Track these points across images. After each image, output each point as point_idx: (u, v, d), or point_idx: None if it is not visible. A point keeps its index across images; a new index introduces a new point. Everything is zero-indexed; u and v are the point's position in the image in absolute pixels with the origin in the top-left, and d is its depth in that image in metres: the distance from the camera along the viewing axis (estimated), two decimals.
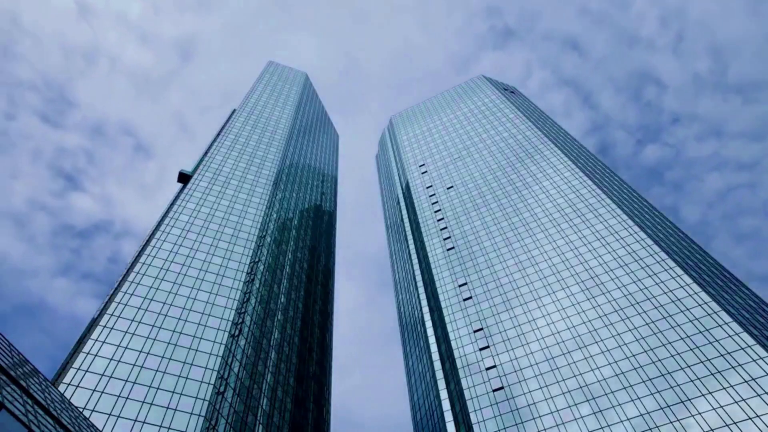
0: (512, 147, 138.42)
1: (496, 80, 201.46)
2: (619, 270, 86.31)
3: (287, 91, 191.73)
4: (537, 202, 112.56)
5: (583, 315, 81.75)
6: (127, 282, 76.63)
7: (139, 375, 63.26)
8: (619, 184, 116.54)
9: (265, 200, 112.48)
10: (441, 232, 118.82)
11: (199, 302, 78.03)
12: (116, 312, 70.73)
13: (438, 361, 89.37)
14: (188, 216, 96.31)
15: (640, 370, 69.86)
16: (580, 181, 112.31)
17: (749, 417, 58.77)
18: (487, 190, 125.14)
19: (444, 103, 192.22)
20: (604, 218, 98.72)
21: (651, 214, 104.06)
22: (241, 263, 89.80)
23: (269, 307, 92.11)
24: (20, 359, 33.70)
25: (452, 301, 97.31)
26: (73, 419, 34.50)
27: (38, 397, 29.71)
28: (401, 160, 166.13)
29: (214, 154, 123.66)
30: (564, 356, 76.96)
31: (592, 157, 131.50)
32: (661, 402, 64.80)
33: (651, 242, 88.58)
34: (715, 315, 71.70)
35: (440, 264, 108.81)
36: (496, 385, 77.36)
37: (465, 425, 74.51)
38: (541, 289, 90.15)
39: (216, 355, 70.23)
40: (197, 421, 60.31)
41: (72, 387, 58.39)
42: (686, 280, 78.75)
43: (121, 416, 57.61)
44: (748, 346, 65.80)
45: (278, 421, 77.80)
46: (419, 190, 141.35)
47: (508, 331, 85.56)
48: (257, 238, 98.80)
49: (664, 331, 73.13)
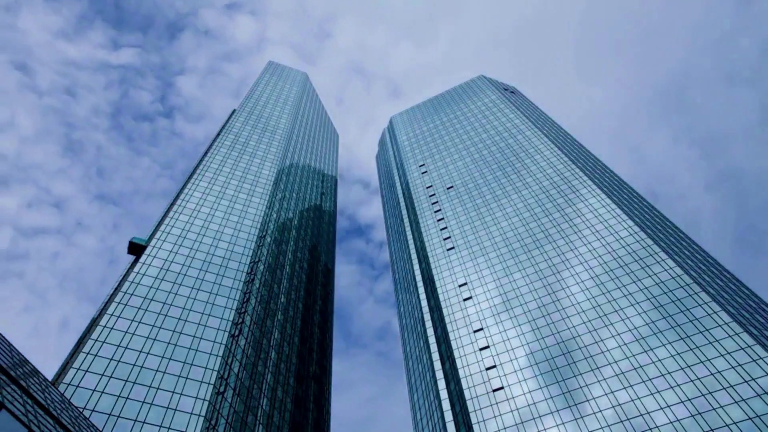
0: (512, 147, 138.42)
1: (495, 80, 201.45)
2: (619, 270, 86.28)
3: (287, 91, 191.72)
4: (537, 201, 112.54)
5: (583, 315, 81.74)
6: (127, 282, 76.62)
7: (139, 375, 63.27)
8: (620, 183, 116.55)
9: (265, 200, 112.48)
10: (441, 232, 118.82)
11: (199, 302, 78.02)
12: (116, 312, 70.73)
13: (438, 361, 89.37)
14: (188, 216, 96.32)
15: (640, 370, 69.85)
16: (580, 181, 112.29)
17: (749, 417, 58.79)
18: (487, 191, 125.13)
19: (444, 103, 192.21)
20: (603, 218, 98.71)
21: (650, 212, 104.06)
22: (241, 263, 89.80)
23: (269, 307, 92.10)
24: (20, 359, 33.70)
25: (452, 301, 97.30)
26: (73, 419, 34.50)
27: (38, 397, 29.71)
28: (401, 160, 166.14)
29: (214, 153, 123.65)
30: (564, 356, 76.96)
31: (593, 158, 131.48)
32: (661, 402, 64.82)
33: (651, 242, 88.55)
34: (715, 315, 71.70)
35: (440, 264, 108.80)
36: (496, 385, 77.35)
37: (465, 425, 74.51)
38: (541, 290, 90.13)
39: (216, 355, 70.23)
40: (197, 421, 60.33)
41: (72, 387, 58.40)
42: (686, 280, 78.73)
43: (121, 416, 57.62)
44: (748, 346, 65.82)
45: (278, 421, 77.81)
46: (419, 190, 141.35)
47: (508, 331, 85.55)
48: (257, 238, 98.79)
49: (664, 331, 73.12)
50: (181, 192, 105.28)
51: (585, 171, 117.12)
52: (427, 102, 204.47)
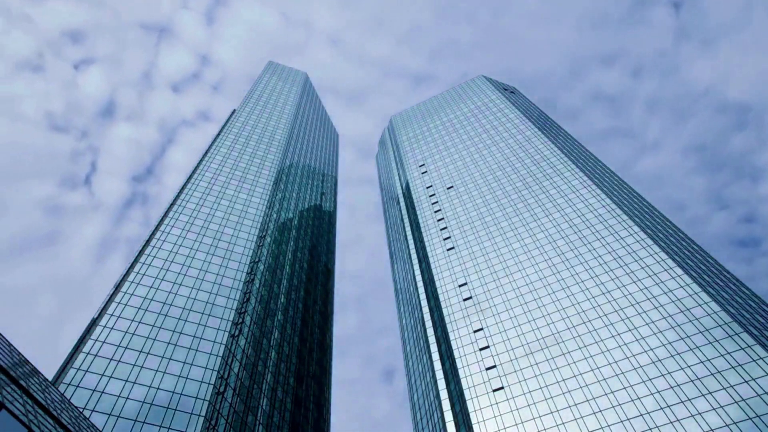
0: (512, 147, 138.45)
1: (495, 80, 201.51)
2: (618, 270, 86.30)
3: (287, 91, 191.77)
4: (537, 201, 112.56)
5: (584, 315, 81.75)
6: (127, 282, 76.64)
7: (139, 375, 63.29)
8: (619, 183, 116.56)
9: (265, 200, 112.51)
10: (441, 232, 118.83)
11: (199, 302, 78.04)
12: (116, 312, 70.75)
13: (438, 361, 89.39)
14: (188, 216, 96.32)
15: (640, 370, 69.86)
16: (580, 181, 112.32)
17: (749, 417, 58.79)
18: (487, 190, 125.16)
19: (444, 103, 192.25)
20: (603, 218, 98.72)
21: (650, 213, 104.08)
22: (241, 263, 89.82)
23: (269, 307, 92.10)
24: (20, 359, 33.70)
25: (452, 301, 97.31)
26: (73, 419, 34.50)
27: (38, 397, 29.72)
28: (401, 160, 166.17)
29: (214, 154, 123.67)
30: (564, 356, 76.96)
31: (593, 158, 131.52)
32: (661, 402, 64.81)
33: (651, 242, 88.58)
34: (715, 315, 71.70)
35: (440, 264, 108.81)
36: (496, 385, 77.36)
37: (465, 425, 74.52)
38: (541, 289, 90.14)
39: (216, 355, 70.25)
40: (197, 421, 60.33)
41: (72, 387, 58.41)
42: (686, 280, 78.75)
43: (121, 416, 57.63)
44: (748, 346, 65.81)
45: (278, 421, 77.81)
46: (419, 190, 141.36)
47: (508, 331, 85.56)
48: (257, 238, 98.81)
49: (664, 331, 73.13)
50: (181, 192, 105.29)
51: (585, 171, 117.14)
52: (427, 102, 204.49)
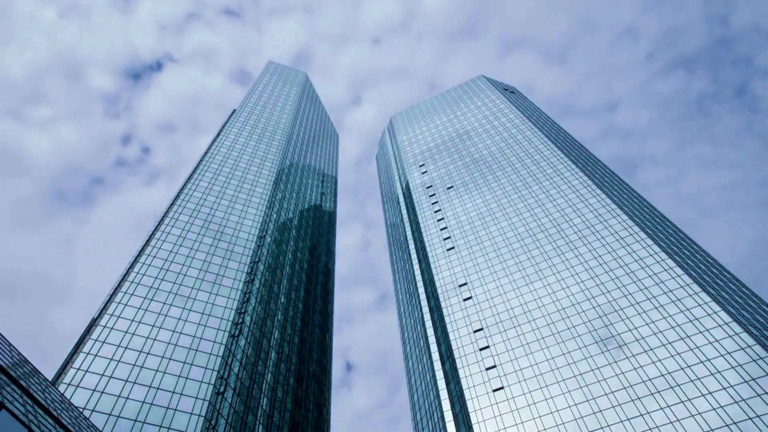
0: (512, 147, 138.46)
1: (495, 80, 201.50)
2: (618, 270, 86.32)
3: (287, 91, 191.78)
4: (537, 201, 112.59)
5: (584, 315, 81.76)
6: (127, 282, 76.65)
7: (139, 375, 63.29)
8: (620, 183, 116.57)
9: (265, 200, 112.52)
10: (441, 232, 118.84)
11: (199, 302, 78.04)
12: (116, 312, 70.75)
13: (438, 361, 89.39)
14: (188, 216, 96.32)
15: (640, 370, 69.86)
16: (580, 182, 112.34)
17: (749, 417, 58.79)
18: (487, 190, 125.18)
19: (444, 103, 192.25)
20: (603, 218, 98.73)
21: (651, 214, 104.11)
22: (241, 263, 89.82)
23: (269, 307, 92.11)
24: (20, 359, 33.71)
25: (452, 301, 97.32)
26: (73, 419, 34.51)
27: (38, 397, 29.72)
28: (401, 160, 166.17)
29: (214, 154, 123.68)
30: (564, 356, 76.97)
31: (593, 158, 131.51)
32: (661, 402, 64.82)
33: (651, 242, 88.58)
34: (715, 315, 71.72)
35: (440, 264, 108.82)
36: (496, 385, 77.37)
37: (465, 425, 74.52)
38: (541, 290, 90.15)
39: (216, 355, 70.26)
40: (197, 421, 60.34)
41: (72, 387, 58.42)
42: (686, 280, 78.76)
43: (121, 416, 57.63)
44: (748, 346, 65.83)
45: (278, 421, 77.81)
46: (419, 190, 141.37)
47: (508, 331, 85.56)
48: (257, 238, 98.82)
49: (664, 331, 73.14)
50: (181, 192, 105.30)
51: (585, 171, 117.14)
52: (427, 102, 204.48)
